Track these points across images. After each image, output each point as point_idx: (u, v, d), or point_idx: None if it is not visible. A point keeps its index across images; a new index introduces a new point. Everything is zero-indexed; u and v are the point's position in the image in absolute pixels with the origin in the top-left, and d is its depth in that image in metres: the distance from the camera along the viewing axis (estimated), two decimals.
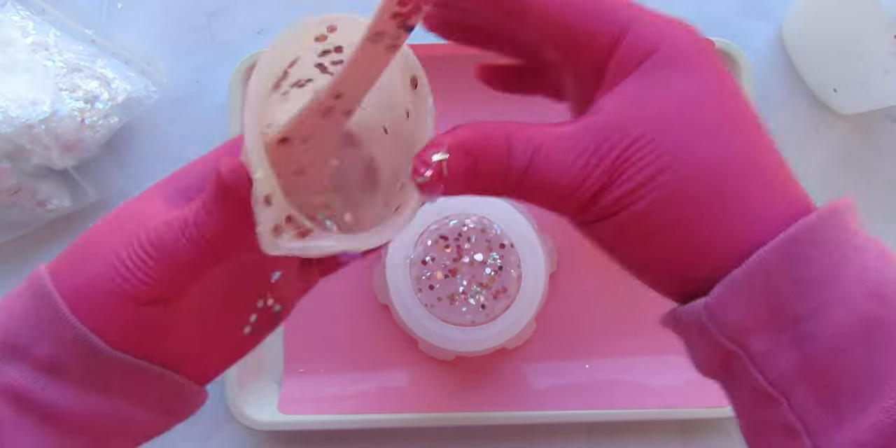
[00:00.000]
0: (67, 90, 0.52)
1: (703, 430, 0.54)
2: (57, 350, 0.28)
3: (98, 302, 0.29)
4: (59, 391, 0.28)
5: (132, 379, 0.29)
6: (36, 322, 0.28)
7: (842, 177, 0.56)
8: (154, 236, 0.28)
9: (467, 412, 0.51)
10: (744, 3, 0.58)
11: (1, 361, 0.28)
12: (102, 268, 0.29)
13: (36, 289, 0.29)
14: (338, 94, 0.28)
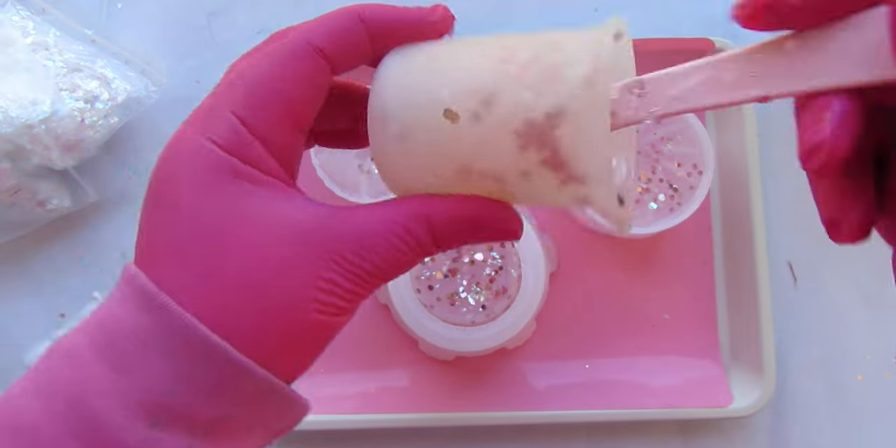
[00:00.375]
0: (67, 90, 0.52)
1: (703, 430, 0.54)
2: (228, 410, 0.23)
3: (283, 342, 0.24)
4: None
5: (280, 412, 0.25)
6: (203, 381, 0.23)
7: None
8: (367, 253, 0.24)
9: (467, 412, 0.51)
10: None
11: (151, 428, 0.23)
12: (288, 300, 0.23)
13: (189, 337, 0.23)
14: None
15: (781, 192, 0.56)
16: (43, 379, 0.24)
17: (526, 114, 0.24)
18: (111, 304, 0.24)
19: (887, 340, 0.55)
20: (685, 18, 0.58)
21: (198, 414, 0.23)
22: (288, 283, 0.23)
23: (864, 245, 0.59)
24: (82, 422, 0.22)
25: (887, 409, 0.54)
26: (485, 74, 0.25)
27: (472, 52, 0.26)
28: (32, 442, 0.22)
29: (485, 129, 0.25)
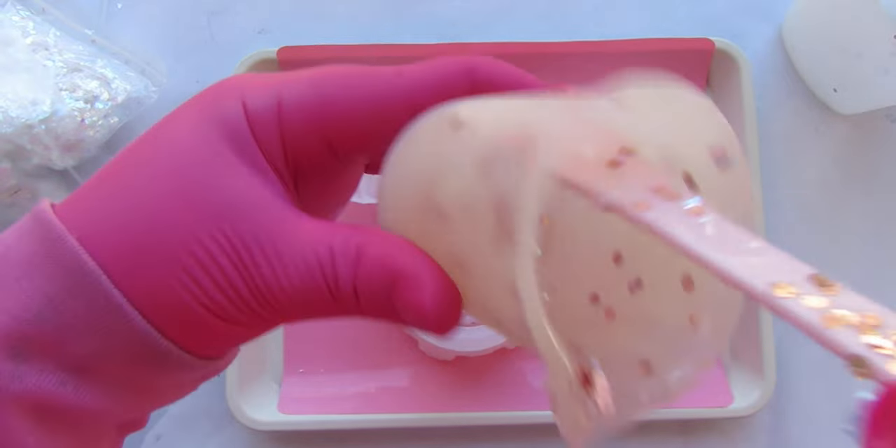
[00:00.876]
0: (67, 90, 0.52)
1: (703, 430, 0.54)
2: (101, 348, 0.22)
3: (174, 313, 0.22)
4: (98, 394, 0.22)
5: (176, 375, 0.24)
6: (75, 310, 0.21)
7: (842, 177, 0.56)
8: (285, 276, 0.21)
9: (467, 412, 0.51)
10: (744, 3, 0.58)
11: (16, 360, 0.21)
12: (181, 279, 0.21)
13: (75, 271, 0.21)
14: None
15: (782, 192, 0.56)
16: None
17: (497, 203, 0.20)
18: (7, 232, 0.23)
19: None
20: (685, 18, 0.58)
21: (67, 348, 0.21)
22: (182, 267, 0.21)
23: (865, 246, 0.59)
24: None
25: None
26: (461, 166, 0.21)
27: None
28: None
29: (464, 225, 0.21)
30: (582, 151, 0.19)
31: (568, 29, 0.58)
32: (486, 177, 0.19)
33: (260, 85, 0.23)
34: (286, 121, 0.22)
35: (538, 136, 0.18)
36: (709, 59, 0.55)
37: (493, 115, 0.21)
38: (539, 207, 0.18)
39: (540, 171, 0.18)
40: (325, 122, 0.23)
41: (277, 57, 0.54)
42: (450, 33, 0.58)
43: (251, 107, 0.23)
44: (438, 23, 0.58)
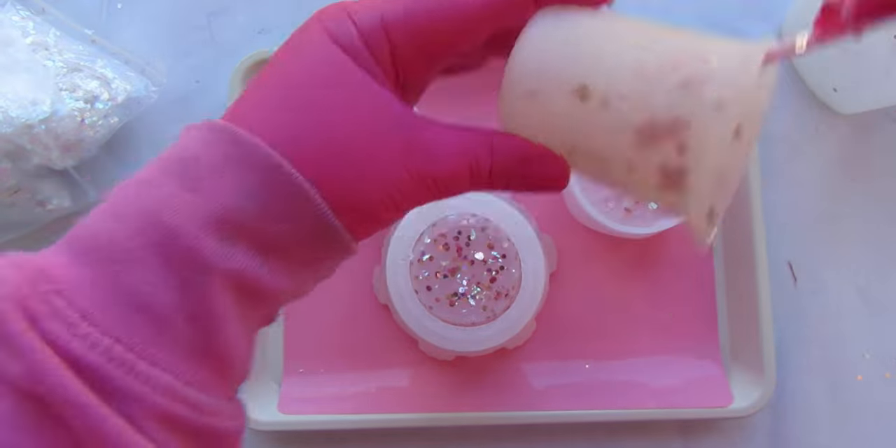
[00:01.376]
0: (67, 90, 0.52)
1: (703, 430, 0.54)
2: (290, 231, 0.26)
3: (362, 213, 0.27)
4: (277, 274, 0.27)
5: (337, 256, 0.28)
6: (271, 205, 0.25)
7: (842, 177, 0.56)
8: (435, 161, 0.27)
9: (467, 412, 0.51)
10: (744, 3, 0.58)
11: (221, 241, 0.25)
12: (378, 195, 0.27)
13: (270, 168, 0.25)
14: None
15: (781, 192, 0.56)
16: (118, 202, 0.25)
17: (653, 115, 0.25)
18: (184, 142, 0.26)
19: (887, 340, 0.55)
20: (685, 18, 0.58)
21: (264, 232, 0.26)
22: (378, 165, 0.26)
23: (865, 246, 0.59)
24: (161, 234, 0.24)
25: (887, 409, 0.54)
26: (626, 67, 0.25)
27: (620, 38, 0.27)
28: (112, 257, 0.24)
29: (609, 116, 0.26)
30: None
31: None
32: (664, 92, 0.25)
33: (361, 7, 0.27)
34: (393, 38, 0.26)
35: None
36: None
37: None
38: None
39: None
40: (424, 35, 0.26)
41: None
42: None
43: (363, 26, 0.26)
44: None
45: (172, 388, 0.24)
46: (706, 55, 0.25)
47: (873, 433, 0.54)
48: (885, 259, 0.56)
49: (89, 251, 0.25)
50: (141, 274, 0.24)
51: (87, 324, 0.24)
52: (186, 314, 0.25)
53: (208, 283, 0.25)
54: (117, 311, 0.24)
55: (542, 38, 0.27)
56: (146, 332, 0.24)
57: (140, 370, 0.24)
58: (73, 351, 0.23)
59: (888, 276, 0.56)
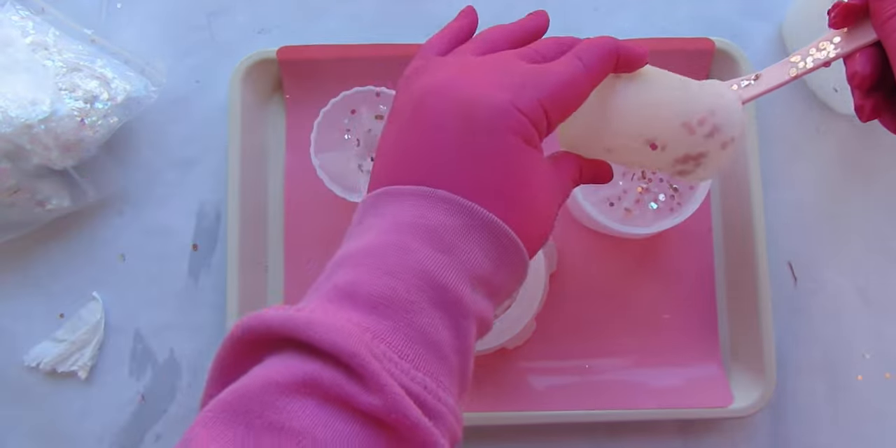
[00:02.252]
0: (67, 90, 0.52)
1: (703, 430, 0.54)
2: (506, 278, 0.34)
3: (540, 246, 0.36)
4: (493, 309, 0.34)
5: (520, 282, 0.36)
6: (497, 259, 0.33)
7: (842, 177, 0.56)
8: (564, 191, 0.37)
9: (467, 412, 0.51)
10: (744, 3, 0.58)
11: (473, 291, 0.32)
12: (548, 231, 0.36)
13: (497, 232, 0.33)
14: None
15: (781, 192, 0.56)
16: (382, 264, 0.31)
17: (687, 152, 0.38)
18: (419, 211, 0.32)
19: (887, 340, 0.55)
20: (685, 18, 0.58)
21: (492, 280, 0.33)
22: (550, 207, 0.36)
23: (865, 246, 0.59)
24: (435, 290, 0.31)
25: (887, 409, 0.54)
26: (676, 125, 0.38)
27: (672, 104, 0.38)
28: (404, 308, 0.30)
29: (665, 154, 0.38)
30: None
31: (568, 29, 0.58)
32: (700, 137, 0.38)
33: (517, 90, 0.34)
34: (548, 114, 0.34)
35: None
36: (709, 59, 0.55)
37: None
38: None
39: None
40: (565, 106, 0.35)
41: (277, 57, 0.54)
42: None
43: (529, 114, 0.34)
44: (438, 23, 0.58)
45: (455, 409, 0.31)
46: (715, 111, 0.38)
47: (873, 433, 0.54)
48: (885, 259, 0.56)
49: (378, 304, 0.30)
50: (427, 319, 0.31)
51: (405, 362, 0.29)
52: (456, 349, 0.31)
53: (469, 325, 0.32)
54: (417, 348, 0.30)
55: (621, 106, 0.38)
56: (436, 363, 0.31)
57: (440, 395, 0.30)
58: (403, 383, 0.29)
59: (888, 276, 0.56)
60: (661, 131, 0.38)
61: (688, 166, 0.39)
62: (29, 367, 0.54)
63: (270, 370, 0.28)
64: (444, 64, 0.36)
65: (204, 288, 0.55)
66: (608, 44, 0.36)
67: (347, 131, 0.53)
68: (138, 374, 0.54)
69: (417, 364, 0.30)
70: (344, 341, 0.28)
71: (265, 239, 0.56)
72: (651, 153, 0.38)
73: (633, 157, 0.39)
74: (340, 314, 0.30)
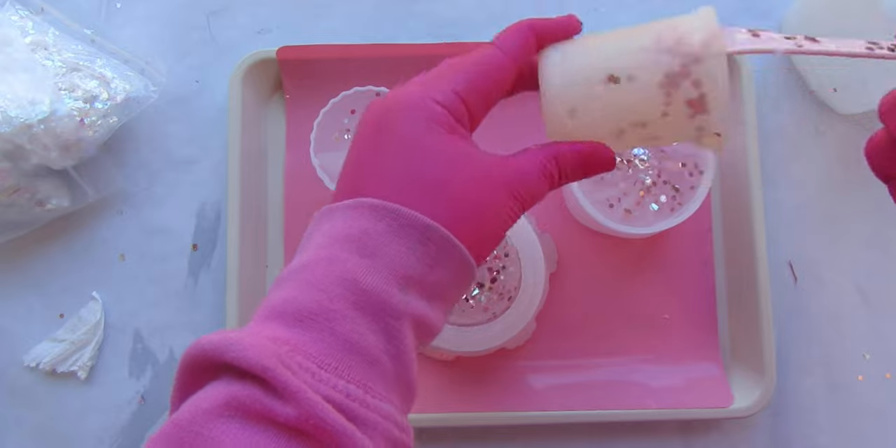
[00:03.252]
0: (66, 90, 0.52)
1: (704, 430, 0.54)
2: (444, 278, 0.33)
3: (486, 245, 0.35)
4: (436, 312, 0.34)
5: (468, 286, 0.36)
6: (428, 258, 0.33)
7: (842, 177, 0.56)
8: (524, 184, 0.35)
9: (467, 412, 0.51)
10: (744, 3, 0.58)
11: (402, 292, 0.32)
12: (497, 225, 0.34)
13: (426, 231, 0.33)
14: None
15: (782, 192, 0.56)
16: (311, 277, 0.32)
17: (667, 68, 0.34)
18: (346, 221, 0.33)
19: (887, 340, 0.55)
20: None
21: (426, 280, 0.33)
22: (490, 201, 0.34)
23: (865, 246, 0.59)
24: (357, 295, 0.31)
25: (887, 409, 0.54)
26: (630, 50, 0.35)
27: (611, 39, 0.36)
28: (327, 317, 0.31)
29: (637, 85, 0.35)
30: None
31: None
32: (665, 53, 0.34)
33: (427, 85, 0.34)
34: (467, 102, 0.34)
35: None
36: None
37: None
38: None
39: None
40: (485, 92, 0.35)
41: (277, 56, 0.54)
42: (449, 33, 0.58)
43: (444, 102, 0.34)
44: (438, 23, 0.58)
45: (391, 415, 0.31)
46: (676, 24, 0.36)
47: (873, 433, 0.54)
48: (885, 259, 0.56)
49: (303, 318, 0.31)
50: (351, 326, 0.31)
51: (324, 371, 0.30)
52: (389, 353, 0.31)
53: (401, 327, 0.32)
54: (340, 357, 0.30)
55: (557, 66, 0.36)
56: (363, 369, 0.31)
57: (369, 402, 0.30)
58: (322, 392, 0.29)
59: (888, 276, 0.56)
60: (612, 61, 0.35)
61: (687, 89, 0.34)
62: (29, 367, 0.54)
63: (199, 397, 0.29)
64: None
65: (204, 288, 0.55)
66: (521, 23, 0.36)
67: (347, 131, 0.53)
68: (138, 374, 0.54)
69: (340, 372, 0.30)
70: (256, 357, 0.29)
71: (265, 239, 0.56)
72: (627, 91, 0.35)
73: (615, 108, 0.35)
74: (267, 332, 0.30)
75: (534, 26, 0.36)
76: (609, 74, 0.35)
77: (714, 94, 0.35)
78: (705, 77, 0.34)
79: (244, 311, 0.52)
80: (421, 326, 0.33)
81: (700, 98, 0.35)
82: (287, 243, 0.55)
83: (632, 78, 0.35)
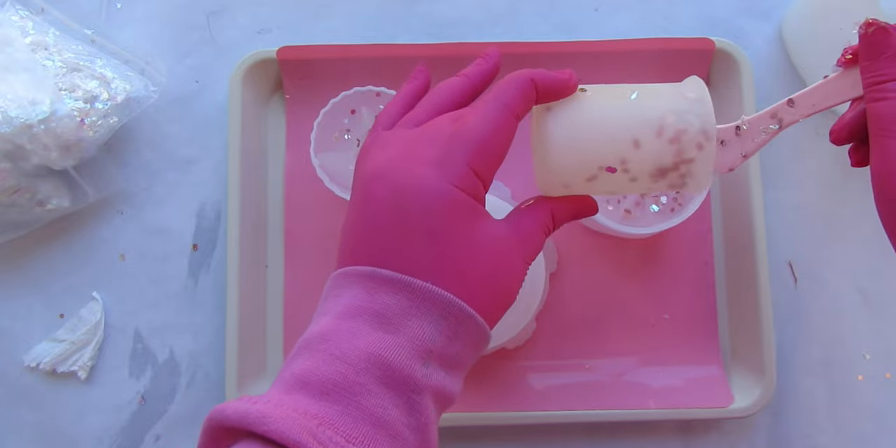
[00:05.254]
0: (67, 90, 0.52)
1: (704, 430, 0.54)
2: (462, 349, 0.35)
3: (500, 312, 0.36)
4: (455, 382, 0.35)
5: (481, 350, 0.37)
6: (449, 331, 0.34)
7: (842, 177, 0.56)
8: (530, 245, 0.38)
9: (467, 412, 0.51)
10: (744, 3, 0.58)
11: (424, 366, 0.33)
12: (513, 289, 0.37)
13: (446, 306, 0.34)
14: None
15: (782, 192, 0.56)
16: (335, 350, 0.33)
17: (660, 164, 0.36)
18: (367, 295, 0.34)
19: (887, 340, 0.55)
20: (685, 18, 0.58)
21: (446, 352, 0.34)
22: (508, 270, 0.36)
23: (865, 246, 0.59)
24: (382, 370, 0.32)
25: (887, 409, 0.54)
26: (628, 140, 0.36)
27: (615, 122, 0.36)
28: (352, 392, 0.32)
29: (629, 175, 0.37)
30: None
31: (568, 29, 0.58)
32: (663, 149, 0.36)
33: (442, 163, 0.35)
34: (479, 173, 0.36)
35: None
36: (709, 59, 0.55)
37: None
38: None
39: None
40: (494, 158, 0.36)
41: (277, 57, 0.54)
42: (450, 33, 0.58)
43: (464, 187, 0.35)
44: (438, 23, 0.58)
45: None
46: (680, 111, 0.36)
47: (873, 433, 0.54)
48: (885, 259, 0.56)
49: (329, 391, 0.32)
50: (376, 400, 0.32)
51: (352, 445, 0.31)
52: (411, 426, 0.33)
53: (423, 400, 0.33)
54: (366, 430, 0.31)
55: (559, 149, 0.36)
56: (388, 443, 0.32)
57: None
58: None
59: (888, 276, 0.56)
60: (611, 153, 0.36)
61: (673, 179, 0.37)
62: (29, 367, 0.54)
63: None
64: (385, 143, 0.37)
65: (204, 288, 0.55)
66: (523, 76, 0.36)
67: (347, 131, 0.53)
68: (138, 374, 0.54)
69: (367, 446, 0.31)
70: (289, 430, 0.30)
71: (265, 239, 0.56)
72: (619, 178, 0.37)
73: (606, 187, 0.38)
74: (292, 403, 0.31)
75: (535, 80, 0.36)
76: (607, 166, 0.36)
77: (695, 183, 0.37)
78: (692, 171, 0.36)
79: (244, 311, 0.52)
80: (441, 397, 0.34)
81: (682, 185, 0.37)
82: (287, 243, 0.55)
83: (627, 170, 0.36)
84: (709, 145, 0.36)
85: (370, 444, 0.31)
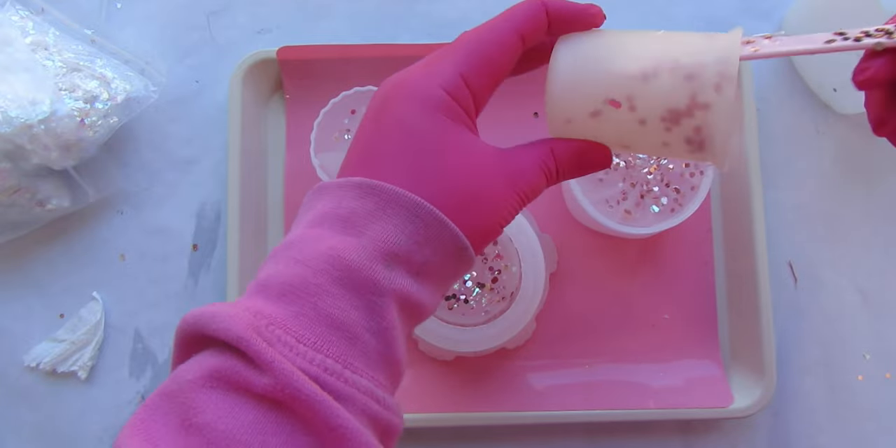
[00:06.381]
0: (67, 90, 0.52)
1: (703, 430, 0.54)
2: (432, 256, 0.33)
3: (484, 233, 0.34)
4: (425, 291, 0.33)
5: (463, 270, 0.35)
6: (417, 235, 0.32)
7: (842, 177, 0.56)
8: (523, 178, 0.35)
9: (467, 412, 0.51)
10: (744, 3, 0.58)
11: (387, 269, 0.32)
12: (495, 215, 0.34)
13: (415, 209, 0.32)
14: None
15: (782, 192, 0.56)
16: (297, 254, 0.32)
17: (672, 105, 0.33)
18: (335, 201, 0.33)
19: (887, 340, 0.55)
20: (685, 18, 0.58)
21: (413, 258, 0.32)
22: (488, 190, 0.34)
23: (865, 246, 0.59)
24: (340, 271, 0.31)
25: (887, 409, 0.54)
26: (634, 76, 0.33)
27: (627, 53, 0.34)
28: (309, 292, 0.31)
29: (638, 115, 0.34)
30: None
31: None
32: (677, 87, 0.33)
33: (433, 68, 0.34)
34: (471, 86, 0.34)
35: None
36: None
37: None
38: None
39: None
40: (489, 74, 0.35)
41: (277, 57, 0.54)
42: (450, 33, 0.58)
43: (449, 88, 0.34)
44: (438, 23, 0.58)
45: (371, 390, 0.31)
46: (695, 51, 0.33)
47: (873, 433, 0.54)
48: (885, 259, 0.56)
49: (286, 292, 0.31)
50: (332, 301, 0.31)
51: (302, 345, 0.30)
52: (371, 329, 0.31)
53: (384, 303, 0.32)
54: (320, 332, 0.30)
55: (563, 75, 0.35)
56: (344, 346, 0.31)
57: (347, 377, 0.30)
58: (298, 365, 0.29)
59: (888, 276, 0.56)
60: (617, 85, 0.33)
61: (689, 133, 0.33)
62: (29, 367, 0.54)
63: (184, 369, 0.30)
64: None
65: (204, 288, 0.55)
66: (535, 3, 0.35)
67: (347, 131, 0.53)
68: (138, 374, 0.54)
69: (318, 347, 0.30)
70: (235, 327, 0.29)
71: (265, 239, 0.56)
72: (626, 118, 0.34)
73: (612, 128, 0.35)
74: (250, 305, 0.31)
75: (546, 3, 0.35)
76: (610, 99, 0.34)
77: (714, 141, 0.33)
78: (710, 122, 0.33)
79: None
80: (408, 304, 0.33)
81: (700, 144, 0.34)
82: None
83: (634, 108, 0.34)
84: (728, 89, 0.32)
85: (323, 345, 0.30)
